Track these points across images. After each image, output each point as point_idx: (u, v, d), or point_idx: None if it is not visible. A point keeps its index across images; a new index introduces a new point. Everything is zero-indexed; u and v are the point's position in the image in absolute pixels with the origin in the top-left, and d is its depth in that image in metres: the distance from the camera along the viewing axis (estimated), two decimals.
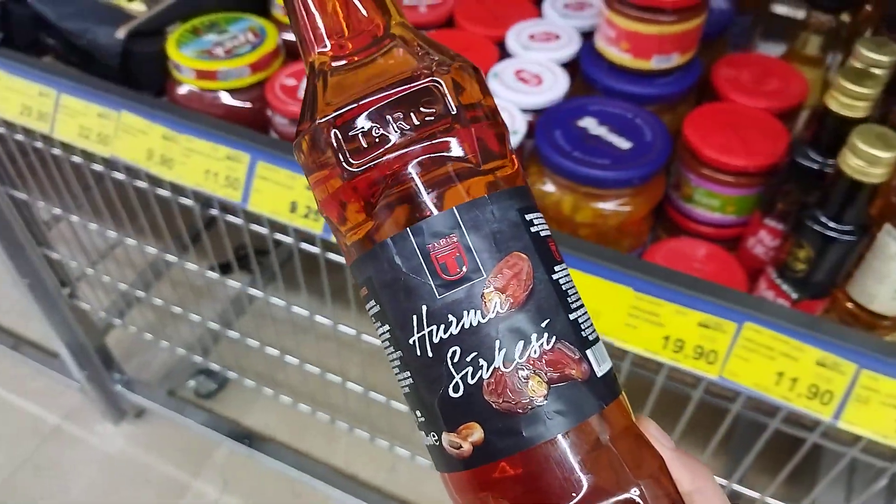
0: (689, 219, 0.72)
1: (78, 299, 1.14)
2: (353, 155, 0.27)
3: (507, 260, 0.27)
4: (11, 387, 1.35)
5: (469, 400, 0.26)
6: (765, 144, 0.67)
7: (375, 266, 0.28)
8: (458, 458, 0.27)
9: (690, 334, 0.62)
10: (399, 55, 0.28)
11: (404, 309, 0.27)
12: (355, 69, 0.28)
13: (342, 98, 0.27)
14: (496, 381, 0.26)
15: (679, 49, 0.69)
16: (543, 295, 0.27)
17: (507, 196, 0.28)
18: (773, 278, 0.62)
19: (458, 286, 0.26)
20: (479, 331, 0.26)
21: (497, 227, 0.27)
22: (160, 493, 1.23)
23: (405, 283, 0.27)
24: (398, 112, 0.27)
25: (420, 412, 0.28)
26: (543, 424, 0.26)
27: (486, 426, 0.26)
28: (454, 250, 0.26)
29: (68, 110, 0.79)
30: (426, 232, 0.26)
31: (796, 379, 0.60)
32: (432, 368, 0.27)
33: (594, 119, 0.66)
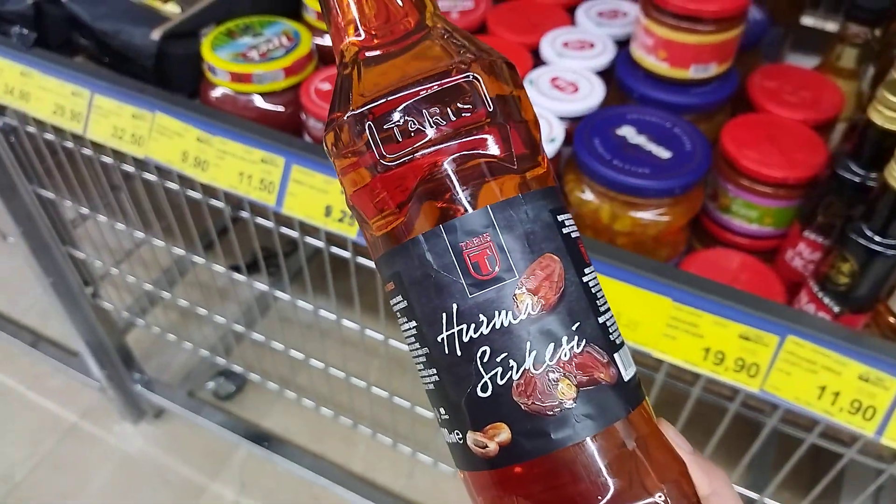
0: (727, 230, 0.71)
1: (100, 298, 1.14)
2: (388, 148, 0.26)
3: (540, 261, 0.27)
4: (31, 384, 1.35)
5: (497, 400, 0.26)
6: (803, 156, 0.66)
7: (405, 261, 0.27)
8: (482, 458, 0.27)
9: (731, 346, 0.62)
10: (435, 48, 0.28)
11: (434, 306, 0.27)
12: (390, 60, 0.28)
13: (377, 89, 0.27)
14: (526, 382, 0.26)
15: (717, 59, 0.68)
16: (574, 297, 0.27)
17: (541, 196, 0.27)
18: (814, 291, 0.62)
19: (490, 286, 0.26)
20: (510, 332, 0.26)
21: (530, 227, 0.27)
22: (177, 494, 1.23)
23: (436, 280, 0.27)
24: (434, 106, 0.26)
25: (444, 409, 0.28)
26: (572, 427, 0.26)
27: (513, 427, 0.26)
28: (487, 249, 0.26)
29: (102, 111, 0.79)
30: (459, 230, 0.26)
31: (839, 393, 0.60)
32: (460, 367, 0.27)
33: (633, 128, 0.66)
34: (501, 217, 0.26)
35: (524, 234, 0.26)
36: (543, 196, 0.28)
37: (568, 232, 0.28)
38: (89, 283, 1.12)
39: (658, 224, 0.65)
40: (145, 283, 1.06)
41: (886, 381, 0.58)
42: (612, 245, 0.63)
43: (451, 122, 0.26)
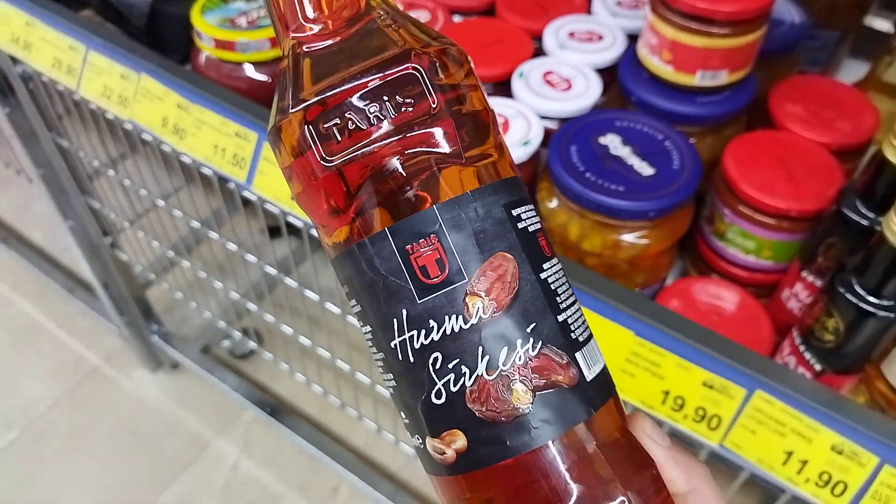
0: (720, 258, 0.64)
1: (119, 249, 1.15)
2: (328, 148, 0.25)
3: (491, 261, 0.25)
4: (61, 323, 1.40)
5: (452, 407, 0.25)
6: (815, 186, 0.58)
7: (354, 266, 0.26)
8: (441, 464, 0.26)
9: (693, 393, 0.55)
10: (380, 37, 0.26)
11: (385, 312, 0.26)
12: (333, 52, 0.26)
13: (317, 84, 0.25)
14: (479, 389, 0.25)
15: (728, 66, 0.60)
16: (529, 297, 0.25)
17: (492, 191, 0.26)
18: (796, 343, 0.54)
19: (439, 290, 0.25)
20: (462, 337, 0.25)
21: (480, 226, 0.25)
22: (183, 445, 1.25)
23: (384, 285, 0.26)
24: (375, 102, 0.25)
25: (405, 414, 0.27)
26: (528, 433, 0.25)
27: (469, 434, 0.25)
28: (435, 252, 0.25)
29: (95, 68, 0.78)
30: (405, 232, 0.25)
31: (807, 462, 0.53)
32: (414, 373, 0.26)
33: (618, 136, 0.59)
34: (449, 217, 0.25)
35: (473, 233, 0.25)
36: (496, 190, 0.26)
37: (524, 226, 0.26)
38: (108, 234, 1.13)
39: (633, 247, 0.58)
40: (154, 242, 1.06)
41: (863, 456, 0.50)
42: (578, 264, 0.57)
43: (393, 117, 0.25)
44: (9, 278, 1.46)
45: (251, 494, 1.20)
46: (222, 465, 1.23)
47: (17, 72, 0.92)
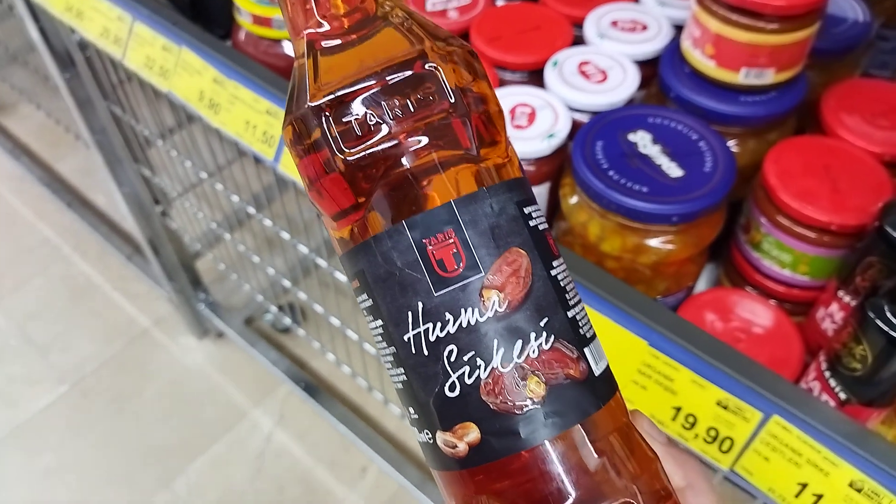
0: (755, 269, 0.60)
1: (170, 219, 1.18)
2: (346, 142, 0.25)
3: (506, 256, 0.26)
4: (117, 284, 1.45)
5: (465, 400, 0.25)
6: (861, 199, 0.53)
7: (368, 259, 0.26)
8: (452, 458, 0.26)
9: (706, 412, 0.52)
10: (394, 36, 0.26)
11: (399, 305, 0.26)
12: (347, 50, 0.26)
13: (334, 81, 0.26)
14: (494, 381, 0.25)
15: (776, 64, 0.56)
16: (542, 292, 0.26)
17: (506, 188, 0.26)
18: (822, 369, 0.50)
19: (456, 283, 0.25)
20: (477, 329, 0.25)
21: (495, 221, 0.26)
22: (221, 413, 1.28)
23: (400, 278, 0.26)
24: (394, 98, 0.25)
25: (413, 409, 0.27)
26: (542, 425, 0.25)
27: (482, 426, 0.25)
28: (451, 245, 0.25)
29: (139, 38, 0.78)
30: (422, 226, 0.25)
31: (822, 496, 0.49)
32: (428, 367, 0.26)
33: (649, 134, 0.56)
34: (465, 212, 0.25)
35: (489, 228, 0.26)
36: (508, 188, 0.26)
37: (535, 224, 0.27)
38: (159, 202, 1.16)
39: (656, 252, 0.55)
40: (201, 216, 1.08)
41: (884, 496, 0.47)
42: (594, 265, 0.54)
43: (412, 114, 0.25)
44: (71, 239, 1.52)
45: (282, 466, 1.22)
46: (257, 436, 1.25)
47: (75, 39, 0.94)
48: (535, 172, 0.58)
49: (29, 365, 1.34)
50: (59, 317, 1.40)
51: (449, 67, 0.26)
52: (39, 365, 1.34)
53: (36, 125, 1.74)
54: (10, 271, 1.47)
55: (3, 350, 1.36)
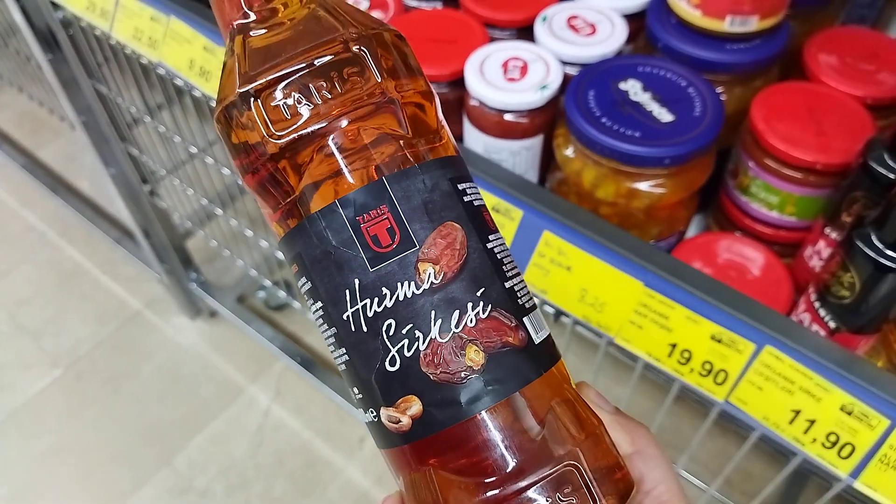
0: (744, 213, 0.62)
1: (158, 198, 1.18)
2: (276, 126, 0.26)
3: (440, 230, 0.26)
4: (106, 268, 1.44)
5: (406, 373, 0.26)
6: (844, 140, 0.55)
7: (304, 241, 0.27)
8: (397, 433, 0.26)
9: (700, 346, 0.54)
10: (321, 22, 0.27)
11: (336, 284, 0.26)
12: (275, 36, 0.27)
13: (262, 68, 0.26)
14: (433, 352, 0.25)
15: (759, 11, 0.57)
16: (478, 264, 0.26)
17: (439, 165, 0.27)
18: (812, 300, 0.52)
19: (391, 258, 0.26)
20: (414, 302, 0.25)
21: (428, 196, 0.26)
22: (218, 390, 1.29)
23: (336, 257, 0.26)
24: (321, 80, 0.26)
25: (357, 389, 0.27)
26: (482, 393, 0.25)
27: (424, 398, 0.26)
28: (385, 221, 0.26)
29: (126, 10, 0.79)
30: (355, 203, 0.26)
31: (814, 422, 0.51)
32: (368, 343, 0.26)
33: (639, 82, 0.57)
34: (398, 188, 0.26)
35: (422, 203, 0.26)
36: (441, 165, 0.27)
37: (470, 200, 0.27)
38: (147, 182, 1.16)
39: (648, 196, 0.56)
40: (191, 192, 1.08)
41: (873, 418, 0.49)
42: (591, 213, 0.56)
43: (340, 95, 0.26)
44: (57, 225, 1.51)
45: (281, 440, 1.23)
46: (254, 411, 1.26)
47: (58, 17, 0.94)
48: (529, 125, 0.60)
49: (21, 350, 1.34)
50: (49, 302, 1.40)
51: (376, 50, 0.26)
52: (32, 350, 1.34)
53: (15, 114, 1.73)
54: None
55: None
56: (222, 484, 1.18)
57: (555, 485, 0.25)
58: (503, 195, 0.57)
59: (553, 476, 0.25)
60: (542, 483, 0.25)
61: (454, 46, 0.64)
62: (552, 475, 0.25)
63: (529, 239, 0.57)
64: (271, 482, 1.18)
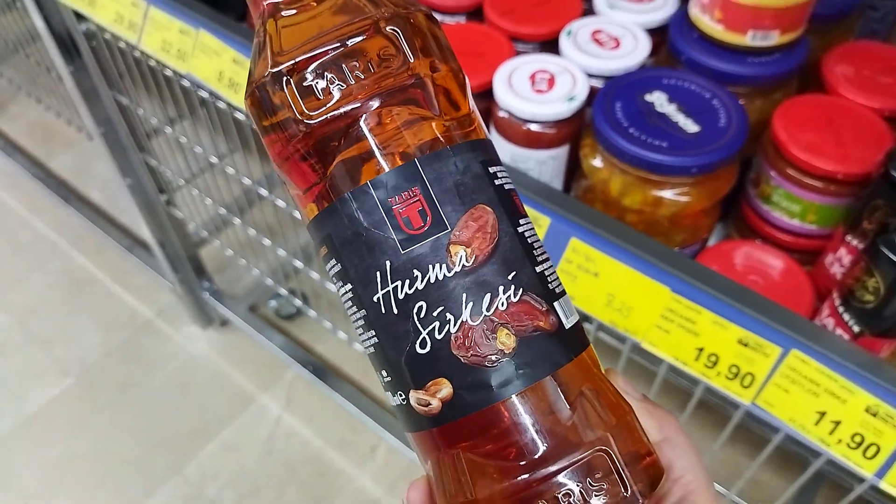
0: (765, 221, 0.63)
1: (175, 207, 1.19)
2: (309, 106, 0.26)
3: (472, 212, 0.26)
4: (117, 277, 1.45)
5: (437, 356, 0.26)
6: (864, 150, 0.57)
7: (335, 222, 0.27)
8: (426, 416, 0.26)
9: (727, 350, 0.55)
10: (352, 1, 0.27)
11: (367, 265, 0.26)
12: (307, 16, 0.27)
13: (295, 46, 0.26)
14: (464, 335, 0.25)
15: (780, 26, 0.59)
16: (509, 247, 0.26)
17: (470, 148, 0.27)
18: (836, 305, 0.54)
19: (423, 240, 0.25)
20: (446, 285, 0.25)
21: (460, 179, 0.26)
22: (229, 399, 1.30)
23: (367, 238, 0.26)
24: (354, 60, 0.25)
25: (386, 372, 0.27)
26: (513, 377, 0.25)
27: (454, 381, 0.25)
28: (417, 203, 0.26)
29: (155, 23, 0.80)
30: (387, 185, 0.26)
31: (839, 423, 0.53)
32: (398, 325, 0.26)
33: (664, 94, 0.59)
34: (430, 170, 0.26)
35: (454, 185, 0.26)
36: (472, 148, 0.27)
37: (501, 183, 0.27)
38: (164, 191, 1.17)
39: (673, 204, 0.58)
40: (209, 202, 1.09)
41: None
42: (617, 220, 0.58)
43: (373, 75, 0.25)
44: (69, 234, 1.52)
45: (292, 449, 1.23)
46: (265, 420, 1.27)
47: (82, 30, 0.96)
48: (556, 135, 0.61)
49: (32, 359, 1.34)
50: (60, 311, 1.41)
51: (408, 30, 0.26)
52: (43, 358, 1.34)
53: (27, 124, 1.74)
54: (8, 268, 1.47)
55: (6, 345, 1.36)
56: (233, 492, 1.19)
57: (585, 470, 0.25)
58: (531, 203, 0.58)
59: (583, 461, 0.25)
60: (573, 468, 0.25)
61: (481, 59, 0.66)
62: (583, 460, 0.25)
63: (557, 246, 0.59)
64: (282, 491, 1.19)
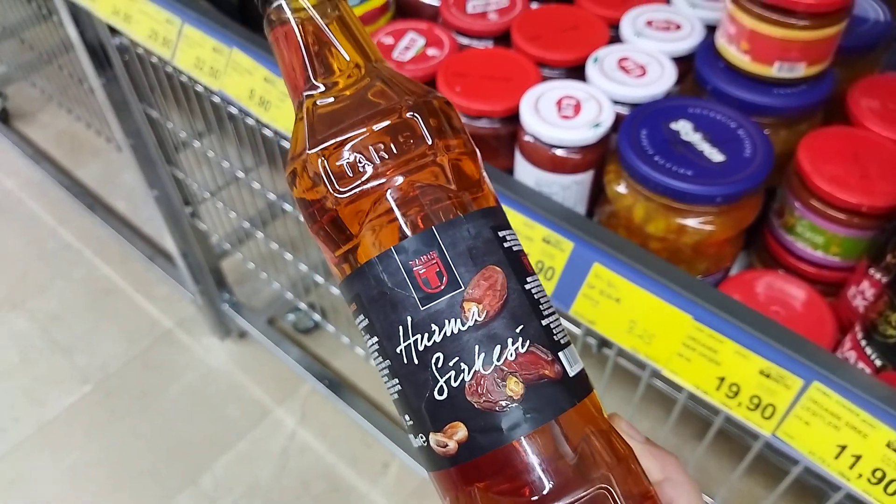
0: (788, 252, 0.63)
1: (198, 219, 1.21)
2: (340, 182, 0.29)
3: (483, 272, 0.29)
4: (139, 287, 1.47)
5: (453, 402, 0.28)
6: (888, 183, 0.57)
7: (363, 283, 0.30)
8: (444, 457, 0.29)
9: (749, 381, 0.55)
10: (378, 91, 0.31)
11: (391, 320, 0.29)
12: (339, 105, 0.31)
13: (328, 131, 0.30)
14: (477, 382, 0.28)
15: (807, 59, 0.60)
16: (517, 303, 0.29)
17: (482, 215, 0.30)
18: (858, 338, 0.54)
19: (440, 298, 0.28)
20: (460, 338, 0.28)
21: (472, 243, 0.29)
22: (245, 411, 1.30)
23: (391, 297, 0.29)
24: (380, 143, 0.29)
25: (409, 416, 0.30)
26: (521, 420, 0.28)
27: (469, 425, 0.28)
28: (434, 265, 0.29)
29: (189, 40, 0.82)
30: (408, 250, 0.29)
31: (860, 457, 0.52)
32: (418, 374, 0.29)
33: (690, 123, 0.60)
34: (445, 236, 0.29)
35: (467, 249, 0.29)
36: (484, 215, 0.30)
37: (509, 246, 0.30)
38: (189, 203, 1.19)
39: (697, 233, 0.58)
40: (233, 215, 1.11)
41: None
42: (639, 247, 0.58)
43: (395, 156, 0.29)
44: (93, 243, 1.54)
45: (305, 463, 1.24)
46: (280, 433, 1.27)
47: (115, 43, 0.98)
48: (581, 160, 0.62)
49: (54, 365, 1.36)
50: (82, 319, 1.43)
51: (426, 115, 0.30)
52: (64, 365, 1.36)
53: (55, 133, 1.77)
54: (33, 275, 1.50)
55: (28, 351, 1.38)
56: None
57: None
58: (555, 227, 0.59)
59: (586, 498, 0.27)
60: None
61: (508, 84, 0.66)
62: (585, 497, 0.27)
63: (580, 270, 0.59)
64: None
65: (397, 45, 0.73)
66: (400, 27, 0.75)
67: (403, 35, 0.74)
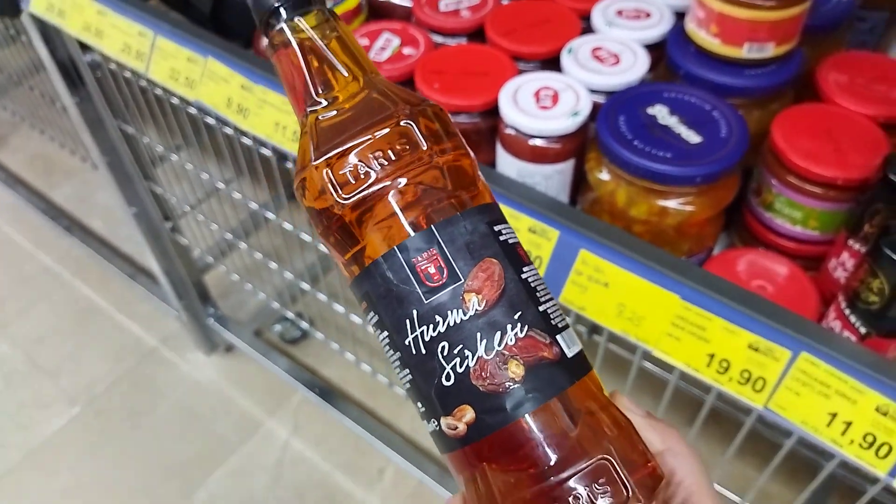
0: (767, 229, 0.65)
1: (179, 234, 1.20)
2: (344, 189, 0.31)
3: (481, 265, 0.31)
4: (121, 306, 1.46)
5: (459, 386, 0.30)
6: (861, 156, 0.59)
7: (371, 281, 0.32)
8: (455, 438, 0.31)
9: (738, 356, 0.56)
10: (376, 102, 0.33)
11: (398, 315, 0.31)
12: (340, 118, 0.33)
13: (331, 143, 0.32)
14: (480, 367, 0.30)
15: (775, 38, 0.61)
16: (514, 292, 0.31)
17: (477, 212, 0.32)
18: (842, 307, 0.55)
19: (441, 291, 0.30)
20: (463, 326, 0.30)
21: (469, 238, 0.31)
22: (236, 425, 1.30)
23: (397, 293, 0.31)
24: (380, 150, 0.31)
25: (420, 403, 0.32)
26: (524, 400, 0.30)
27: (476, 407, 0.30)
28: (435, 261, 0.31)
29: (162, 52, 0.82)
30: (410, 248, 0.31)
31: (851, 423, 0.54)
32: (426, 363, 0.31)
33: (666, 107, 0.61)
34: (444, 233, 0.31)
35: (465, 244, 0.31)
36: (479, 211, 0.32)
37: (505, 239, 0.32)
38: (169, 218, 1.18)
39: (679, 214, 0.59)
40: (213, 225, 1.11)
41: None
42: (624, 231, 0.59)
43: (394, 162, 0.31)
44: (72, 264, 1.53)
45: (300, 473, 1.23)
46: (273, 445, 1.27)
47: (87, 60, 0.97)
48: (561, 150, 0.63)
49: (39, 389, 1.34)
50: (65, 341, 1.41)
51: (421, 123, 0.32)
52: (49, 388, 1.34)
53: (27, 156, 1.75)
54: (12, 299, 1.48)
55: (12, 376, 1.36)
56: None
57: (591, 476, 0.29)
58: (540, 217, 0.60)
59: (589, 469, 0.29)
60: (580, 475, 0.29)
61: (485, 79, 0.67)
62: (588, 468, 0.29)
63: (566, 258, 0.60)
64: None
65: (373, 46, 0.74)
66: (374, 28, 0.76)
67: (378, 36, 0.75)
